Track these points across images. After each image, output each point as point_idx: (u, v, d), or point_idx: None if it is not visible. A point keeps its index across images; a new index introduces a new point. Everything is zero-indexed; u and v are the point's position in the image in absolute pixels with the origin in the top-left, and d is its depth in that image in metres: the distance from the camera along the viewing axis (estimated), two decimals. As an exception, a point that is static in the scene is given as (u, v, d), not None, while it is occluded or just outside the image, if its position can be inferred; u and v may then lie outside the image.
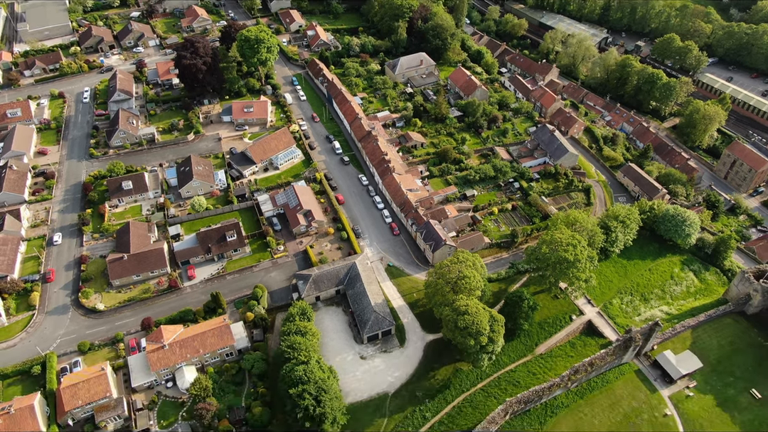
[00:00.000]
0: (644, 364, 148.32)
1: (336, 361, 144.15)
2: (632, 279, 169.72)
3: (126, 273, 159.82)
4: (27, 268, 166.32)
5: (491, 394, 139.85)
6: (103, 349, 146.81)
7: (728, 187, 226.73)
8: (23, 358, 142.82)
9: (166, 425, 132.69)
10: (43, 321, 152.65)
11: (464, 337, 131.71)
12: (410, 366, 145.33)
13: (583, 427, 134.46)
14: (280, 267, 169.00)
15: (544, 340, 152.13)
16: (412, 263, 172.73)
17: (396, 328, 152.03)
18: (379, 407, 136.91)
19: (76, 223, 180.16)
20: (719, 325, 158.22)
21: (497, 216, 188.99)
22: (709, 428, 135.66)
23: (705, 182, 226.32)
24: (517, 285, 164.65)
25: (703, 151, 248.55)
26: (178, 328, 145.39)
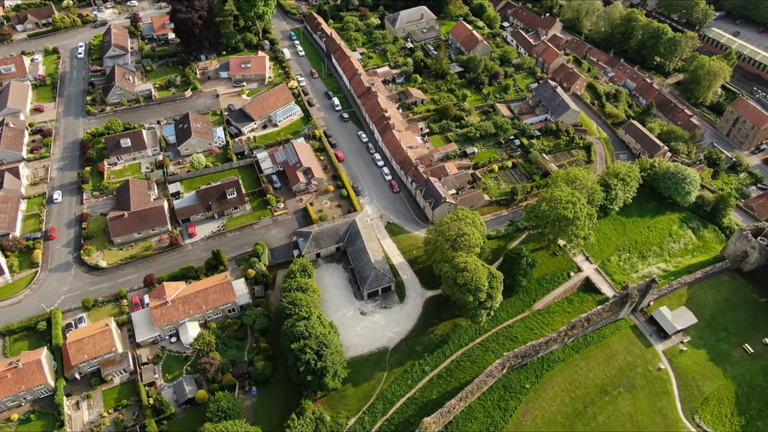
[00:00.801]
0: (640, 319, 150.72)
1: (337, 317, 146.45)
2: (631, 236, 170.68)
3: (127, 231, 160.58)
4: (28, 226, 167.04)
5: (489, 348, 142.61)
6: (107, 305, 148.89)
7: (730, 144, 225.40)
8: (28, 315, 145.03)
9: (171, 379, 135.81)
10: (46, 278, 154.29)
11: (463, 294, 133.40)
12: (410, 322, 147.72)
13: (578, 381, 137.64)
14: (281, 224, 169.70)
15: (542, 296, 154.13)
16: (411, 220, 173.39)
17: (396, 285, 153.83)
18: (379, 361, 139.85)
19: (75, 181, 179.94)
20: (715, 281, 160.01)
21: (497, 173, 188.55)
22: (702, 381, 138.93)
23: (707, 140, 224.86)
24: (516, 242, 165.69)
25: (707, 108, 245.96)
26: (180, 285, 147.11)
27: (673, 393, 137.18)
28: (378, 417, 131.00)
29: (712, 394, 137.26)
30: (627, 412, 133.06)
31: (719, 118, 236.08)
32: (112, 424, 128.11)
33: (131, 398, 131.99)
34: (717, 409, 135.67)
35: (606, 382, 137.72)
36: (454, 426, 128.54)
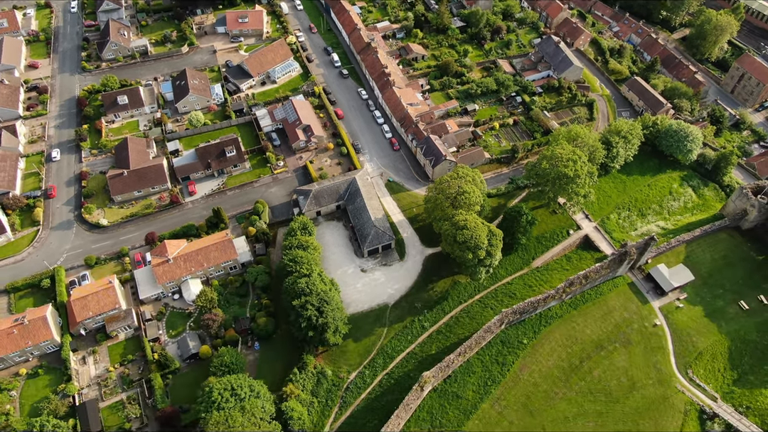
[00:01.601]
0: (637, 277, 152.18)
1: (337, 274, 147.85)
2: (631, 194, 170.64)
3: (127, 189, 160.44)
4: (28, 184, 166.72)
5: (488, 305, 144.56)
6: (109, 263, 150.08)
7: (734, 101, 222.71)
8: (32, 272, 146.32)
9: (175, 334, 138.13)
10: (48, 236, 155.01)
11: (463, 251, 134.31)
12: (409, 279, 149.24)
13: (575, 336, 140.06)
14: (281, 182, 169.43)
15: (541, 254, 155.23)
16: (411, 178, 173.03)
17: (396, 243, 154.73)
18: (379, 317, 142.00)
19: (73, 138, 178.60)
20: (714, 239, 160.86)
21: (498, 131, 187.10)
22: (696, 337, 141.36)
23: (711, 96, 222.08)
24: (516, 200, 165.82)
25: (712, 64, 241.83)
26: (181, 243, 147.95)
27: (668, 348, 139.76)
28: (378, 371, 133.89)
29: (706, 350, 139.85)
30: (622, 367, 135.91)
31: (724, 74, 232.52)
32: (119, 378, 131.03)
33: (136, 353, 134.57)
34: (710, 364, 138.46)
35: (602, 338, 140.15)
36: (453, 380, 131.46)
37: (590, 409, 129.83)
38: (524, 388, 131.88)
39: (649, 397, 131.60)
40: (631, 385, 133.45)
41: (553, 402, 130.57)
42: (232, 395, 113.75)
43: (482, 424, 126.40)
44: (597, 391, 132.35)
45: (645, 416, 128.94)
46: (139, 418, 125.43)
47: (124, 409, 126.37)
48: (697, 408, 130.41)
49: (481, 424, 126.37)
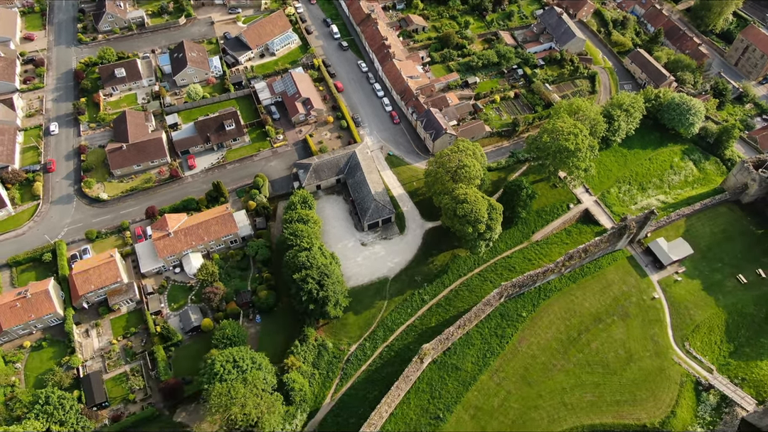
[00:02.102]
0: (637, 250, 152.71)
1: (337, 248, 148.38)
2: (631, 168, 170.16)
3: (126, 163, 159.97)
4: (27, 158, 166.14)
5: (487, 278, 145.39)
6: (110, 237, 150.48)
7: (738, 74, 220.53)
8: (33, 246, 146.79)
9: (177, 308, 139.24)
10: (48, 210, 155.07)
11: (463, 225, 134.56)
12: (409, 252, 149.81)
13: (573, 309, 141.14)
14: (280, 156, 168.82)
15: (540, 227, 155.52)
16: (412, 152, 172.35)
17: (396, 216, 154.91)
18: (379, 291, 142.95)
19: (71, 112, 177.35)
20: (713, 213, 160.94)
21: (499, 104, 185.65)
22: (694, 310, 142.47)
23: (714, 69, 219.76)
24: (516, 174, 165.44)
25: (716, 36, 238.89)
26: (182, 217, 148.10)
27: (666, 321, 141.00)
28: (378, 343, 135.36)
29: (703, 322, 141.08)
30: (620, 339, 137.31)
31: (728, 46, 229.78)
32: (122, 350, 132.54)
33: (139, 326, 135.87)
34: (707, 336, 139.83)
35: (600, 311, 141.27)
36: (452, 352, 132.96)
37: (587, 380, 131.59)
38: (523, 360, 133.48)
39: (646, 369, 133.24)
40: (628, 357, 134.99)
41: (551, 373, 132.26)
42: (234, 367, 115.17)
43: (481, 395, 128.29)
44: (594, 363, 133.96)
45: (641, 387, 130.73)
46: (142, 390, 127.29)
47: (128, 380, 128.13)
48: (692, 379, 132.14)
49: (479, 395, 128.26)
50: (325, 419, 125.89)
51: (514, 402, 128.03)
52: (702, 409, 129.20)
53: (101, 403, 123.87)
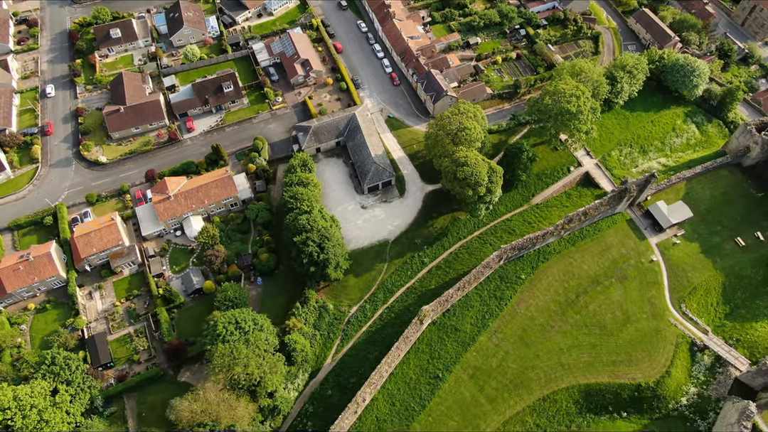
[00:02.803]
0: (636, 213, 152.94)
1: (338, 211, 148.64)
2: (633, 131, 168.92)
3: (124, 125, 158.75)
4: (24, 121, 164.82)
5: (487, 241, 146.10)
6: (110, 200, 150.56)
7: (744, 34, 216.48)
8: (34, 209, 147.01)
9: (179, 270, 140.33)
10: (48, 174, 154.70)
11: (463, 188, 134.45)
12: (410, 215, 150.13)
13: (572, 272, 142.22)
14: (279, 118, 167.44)
15: (540, 190, 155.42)
16: (412, 114, 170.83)
17: (396, 179, 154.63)
18: (379, 253, 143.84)
19: (67, 74, 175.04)
20: (714, 176, 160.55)
21: (500, 65, 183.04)
22: (691, 272, 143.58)
23: (720, 29, 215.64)
24: (517, 136, 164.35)
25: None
26: (181, 180, 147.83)
27: (663, 283, 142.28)
28: (379, 305, 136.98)
29: (700, 285, 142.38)
30: (617, 301, 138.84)
31: (735, 5, 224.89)
32: (125, 312, 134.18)
33: (141, 289, 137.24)
34: (704, 298, 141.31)
35: (599, 273, 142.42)
36: (452, 313, 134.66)
37: (584, 341, 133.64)
38: (521, 322, 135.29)
39: (642, 330, 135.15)
40: (625, 318, 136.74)
41: (549, 335, 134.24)
42: (237, 328, 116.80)
43: (479, 355, 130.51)
44: (592, 325, 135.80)
45: (637, 348, 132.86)
46: (146, 350, 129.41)
47: (132, 341, 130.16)
48: (688, 340, 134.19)
49: (478, 355, 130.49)
50: (326, 379, 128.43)
51: (512, 362, 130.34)
52: (696, 369, 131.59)
53: (106, 364, 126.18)
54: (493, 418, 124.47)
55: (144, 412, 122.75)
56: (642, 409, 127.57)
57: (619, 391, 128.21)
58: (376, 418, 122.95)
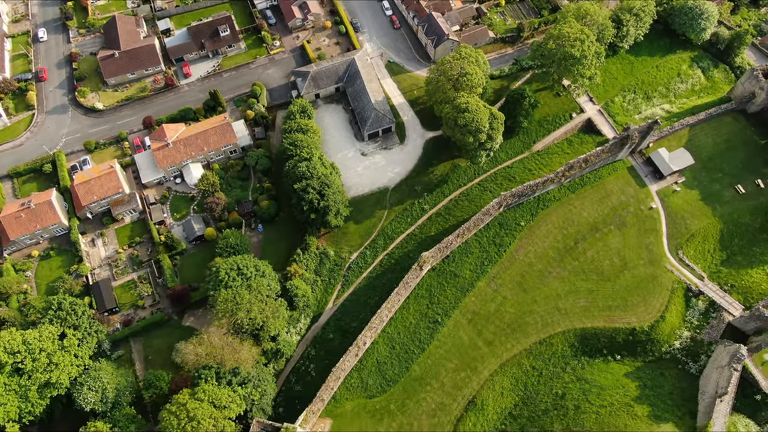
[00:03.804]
0: (637, 161, 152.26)
1: (337, 158, 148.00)
2: (638, 76, 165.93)
3: (120, 71, 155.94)
4: (17, 66, 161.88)
5: (487, 188, 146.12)
6: (108, 147, 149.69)
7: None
8: (32, 157, 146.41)
9: (180, 218, 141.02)
10: (44, 121, 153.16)
11: (463, 135, 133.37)
12: (410, 162, 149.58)
13: (571, 219, 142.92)
14: (277, 63, 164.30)
15: (542, 137, 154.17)
16: (412, 59, 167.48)
17: (396, 126, 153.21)
18: (379, 200, 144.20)
19: (58, 17, 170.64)
20: (718, 123, 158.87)
21: (504, 8, 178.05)
22: (690, 220, 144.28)
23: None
24: (519, 82, 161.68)
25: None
26: (180, 127, 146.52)
27: (661, 230, 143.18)
28: (379, 252, 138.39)
29: (698, 232, 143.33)
30: (615, 248, 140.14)
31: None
32: (128, 259, 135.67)
33: (143, 236, 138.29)
34: (701, 245, 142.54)
35: (598, 221, 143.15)
36: (451, 260, 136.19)
37: (582, 287, 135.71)
38: (519, 268, 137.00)
39: (639, 276, 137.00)
40: (622, 265, 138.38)
41: (547, 280, 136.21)
42: (239, 274, 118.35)
43: (478, 300, 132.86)
44: (589, 271, 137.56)
45: (633, 293, 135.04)
46: (150, 296, 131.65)
47: (136, 287, 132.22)
48: (683, 286, 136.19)
49: (477, 300, 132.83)
50: (327, 323, 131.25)
51: (509, 307, 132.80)
52: (690, 314, 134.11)
53: (112, 309, 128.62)
54: (490, 361, 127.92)
55: (150, 356, 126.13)
56: (636, 352, 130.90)
57: (613, 335, 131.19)
58: (377, 361, 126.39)
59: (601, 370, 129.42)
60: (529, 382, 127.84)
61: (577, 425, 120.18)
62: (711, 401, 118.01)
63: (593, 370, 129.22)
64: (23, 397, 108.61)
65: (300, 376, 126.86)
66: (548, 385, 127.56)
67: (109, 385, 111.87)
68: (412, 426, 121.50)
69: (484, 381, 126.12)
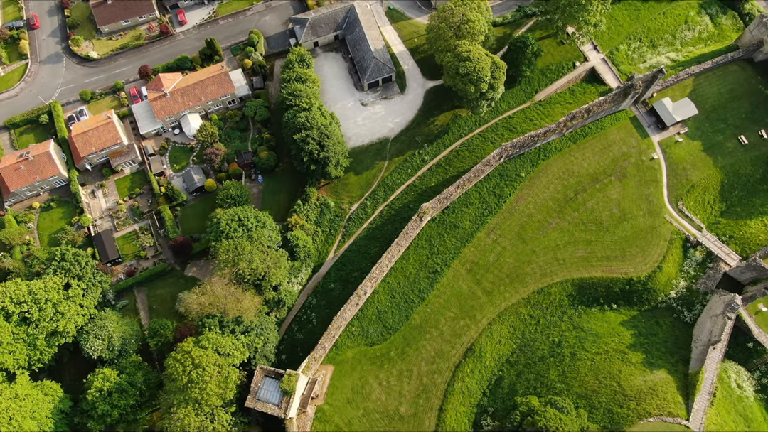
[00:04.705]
0: (641, 111, 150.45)
1: (337, 108, 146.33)
2: (644, 23, 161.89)
3: (114, 18, 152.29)
4: (8, 13, 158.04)
5: (488, 139, 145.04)
6: (105, 97, 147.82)
7: None
8: (28, 108, 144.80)
9: (179, 169, 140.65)
10: (38, 70, 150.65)
11: (465, 84, 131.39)
12: (410, 112, 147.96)
13: (572, 170, 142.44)
14: (275, 10, 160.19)
15: (544, 87, 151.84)
16: (413, 6, 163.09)
17: (396, 75, 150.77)
18: (380, 151, 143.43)
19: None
20: (723, 72, 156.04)
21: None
22: (691, 171, 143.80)
23: None
24: (522, 29, 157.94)
25: None
26: (177, 76, 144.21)
27: (662, 181, 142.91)
28: (379, 202, 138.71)
29: (698, 183, 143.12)
30: (615, 199, 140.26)
31: None
32: (129, 210, 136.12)
33: (143, 187, 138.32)
34: (701, 196, 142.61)
35: (599, 171, 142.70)
36: (451, 211, 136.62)
37: (580, 237, 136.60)
38: (519, 219, 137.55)
39: (638, 227, 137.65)
40: (621, 215, 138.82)
41: (546, 231, 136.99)
42: (240, 225, 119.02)
43: (477, 250, 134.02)
44: (589, 222, 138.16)
45: (632, 244, 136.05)
46: (153, 247, 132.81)
47: (138, 238, 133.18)
48: (682, 237, 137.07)
49: (476, 251, 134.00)
50: (328, 273, 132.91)
51: (508, 257, 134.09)
52: (687, 264, 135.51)
53: (115, 260, 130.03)
54: (489, 310, 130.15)
55: (154, 305, 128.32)
56: (632, 301, 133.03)
57: (610, 285, 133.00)
58: (377, 310, 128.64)
59: (598, 318, 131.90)
60: (527, 330, 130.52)
61: (572, 371, 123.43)
62: (704, 349, 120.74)
63: (590, 319, 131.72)
64: (32, 345, 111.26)
65: (302, 324, 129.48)
66: (545, 333, 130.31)
67: (115, 334, 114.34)
68: (411, 372, 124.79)
69: (482, 329, 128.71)
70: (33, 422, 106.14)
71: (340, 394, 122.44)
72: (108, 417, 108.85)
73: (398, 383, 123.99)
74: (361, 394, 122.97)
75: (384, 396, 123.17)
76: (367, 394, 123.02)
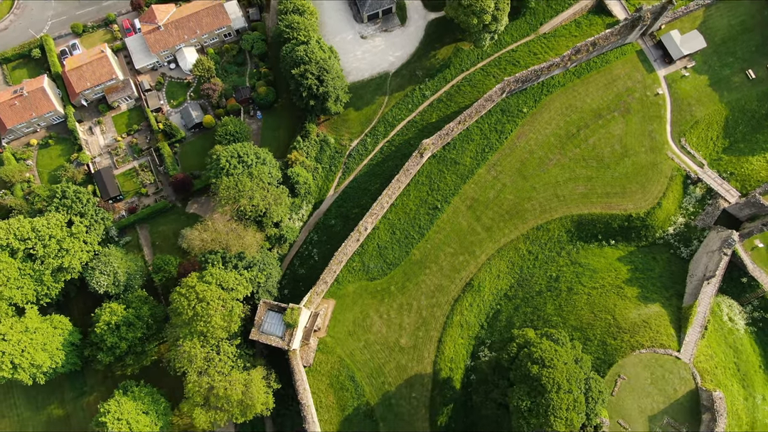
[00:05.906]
0: (648, 44, 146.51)
1: (336, 41, 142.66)
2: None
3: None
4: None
5: (490, 73, 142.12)
6: (97, 30, 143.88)
7: None
8: (19, 42, 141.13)
9: (177, 104, 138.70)
10: (27, 2, 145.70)
11: (467, 16, 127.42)
12: (411, 46, 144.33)
13: (575, 105, 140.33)
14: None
15: (549, 19, 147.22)
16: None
17: (397, 6, 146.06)
18: (380, 86, 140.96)
19: None
20: (735, 4, 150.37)
21: None
22: (696, 106, 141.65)
23: None
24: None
25: None
26: (170, 8, 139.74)
27: (666, 117, 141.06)
28: (379, 139, 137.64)
29: (703, 118, 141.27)
30: (617, 135, 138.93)
31: None
32: (128, 147, 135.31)
33: (141, 123, 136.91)
34: (705, 132, 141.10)
35: (602, 107, 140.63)
36: (452, 147, 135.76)
37: (581, 174, 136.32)
38: (520, 155, 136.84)
39: (639, 164, 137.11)
40: (623, 152, 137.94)
41: (547, 167, 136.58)
42: (239, 162, 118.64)
43: (477, 187, 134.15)
44: (590, 158, 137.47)
45: (632, 181, 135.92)
46: (153, 184, 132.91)
47: (138, 176, 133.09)
48: (683, 173, 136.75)
49: (476, 187, 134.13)
50: (329, 210, 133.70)
51: (508, 194, 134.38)
52: (687, 200, 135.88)
53: (116, 197, 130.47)
54: (488, 245, 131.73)
55: (157, 242, 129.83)
56: (630, 237, 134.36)
57: (609, 221, 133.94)
58: (378, 245, 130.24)
59: (595, 254, 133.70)
60: (525, 265, 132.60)
61: (568, 305, 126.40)
62: (698, 284, 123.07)
63: (587, 255, 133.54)
64: (38, 281, 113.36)
65: (303, 260, 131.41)
66: (543, 268, 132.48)
67: (120, 269, 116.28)
68: (411, 306, 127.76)
69: (481, 264, 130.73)
70: (44, 354, 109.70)
71: (342, 327, 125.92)
72: (117, 349, 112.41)
73: (398, 316, 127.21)
74: (363, 327, 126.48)
75: (385, 329, 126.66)
76: (368, 327, 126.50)
